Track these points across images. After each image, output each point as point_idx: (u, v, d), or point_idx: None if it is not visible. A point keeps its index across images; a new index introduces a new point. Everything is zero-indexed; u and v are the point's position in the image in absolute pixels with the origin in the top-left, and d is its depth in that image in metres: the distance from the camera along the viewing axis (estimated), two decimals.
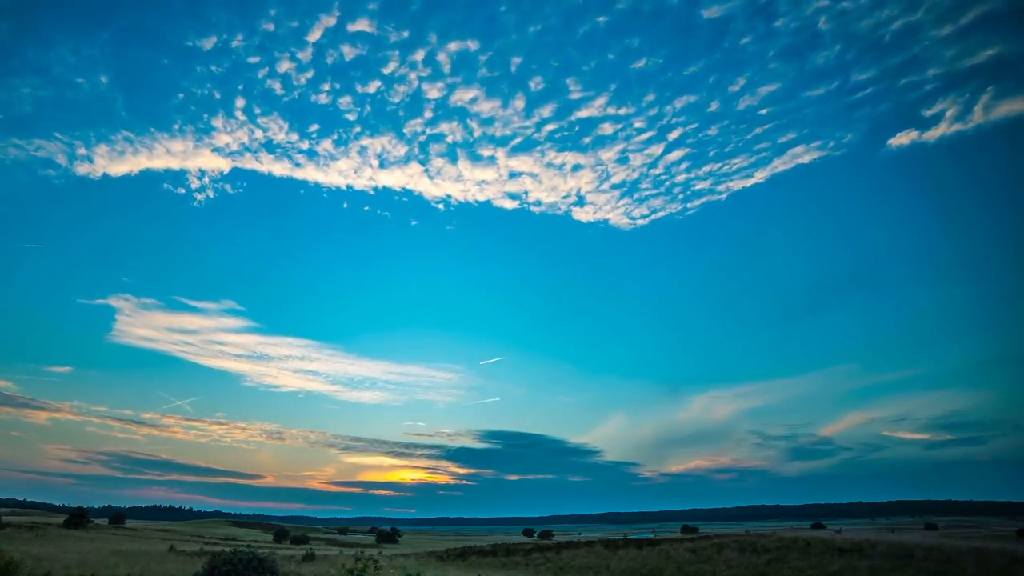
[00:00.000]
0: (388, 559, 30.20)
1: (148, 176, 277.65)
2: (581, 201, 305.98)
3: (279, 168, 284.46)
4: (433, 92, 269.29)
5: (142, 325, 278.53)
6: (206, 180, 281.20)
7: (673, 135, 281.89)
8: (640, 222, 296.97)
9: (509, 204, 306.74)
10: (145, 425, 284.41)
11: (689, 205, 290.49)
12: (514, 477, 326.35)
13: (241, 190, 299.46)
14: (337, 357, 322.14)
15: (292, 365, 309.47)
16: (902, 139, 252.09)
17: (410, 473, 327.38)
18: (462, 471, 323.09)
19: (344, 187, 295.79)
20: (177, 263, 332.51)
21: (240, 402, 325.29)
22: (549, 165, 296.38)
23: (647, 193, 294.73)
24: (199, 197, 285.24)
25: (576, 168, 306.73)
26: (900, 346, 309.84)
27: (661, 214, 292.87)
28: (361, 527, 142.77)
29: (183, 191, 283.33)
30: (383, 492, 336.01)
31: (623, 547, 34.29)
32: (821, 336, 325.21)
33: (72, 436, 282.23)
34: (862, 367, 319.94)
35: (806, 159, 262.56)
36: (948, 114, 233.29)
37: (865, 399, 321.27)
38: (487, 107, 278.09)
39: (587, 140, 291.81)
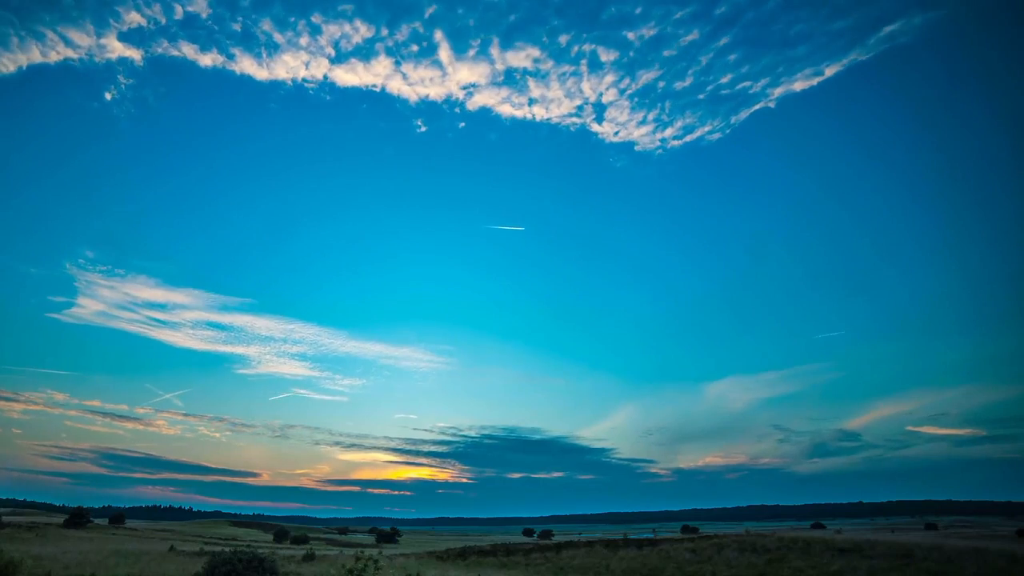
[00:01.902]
0: (388, 559, 30.23)
1: (45, 75, 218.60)
2: (600, 112, 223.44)
3: (206, 59, 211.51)
4: None
5: (104, 300, 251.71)
6: (121, 83, 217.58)
7: (722, 8, 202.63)
8: (674, 143, 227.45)
9: (508, 112, 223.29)
10: (129, 419, 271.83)
11: (733, 119, 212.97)
12: (517, 475, 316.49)
13: (164, 93, 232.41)
14: (323, 337, 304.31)
15: (275, 348, 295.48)
16: None
17: (408, 471, 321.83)
18: (462, 468, 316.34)
19: (290, 83, 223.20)
20: (120, 212, 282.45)
21: (228, 394, 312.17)
22: (560, 58, 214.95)
23: (684, 100, 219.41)
24: (117, 112, 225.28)
25: (596, 67, 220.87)
26: (945, 327, 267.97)
27: (698, 133, 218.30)
28: (361, 527, 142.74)
29: (97, 104, 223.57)
30: (381, 491, 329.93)
31: (623, 547, 34.29)
32: (861, 310, 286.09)
33: (52, 431, 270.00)
34: (899, 350, 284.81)
35: (904, 40, 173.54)
36: None
37: (897, 389, 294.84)
38: None
39: (608, 16, 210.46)
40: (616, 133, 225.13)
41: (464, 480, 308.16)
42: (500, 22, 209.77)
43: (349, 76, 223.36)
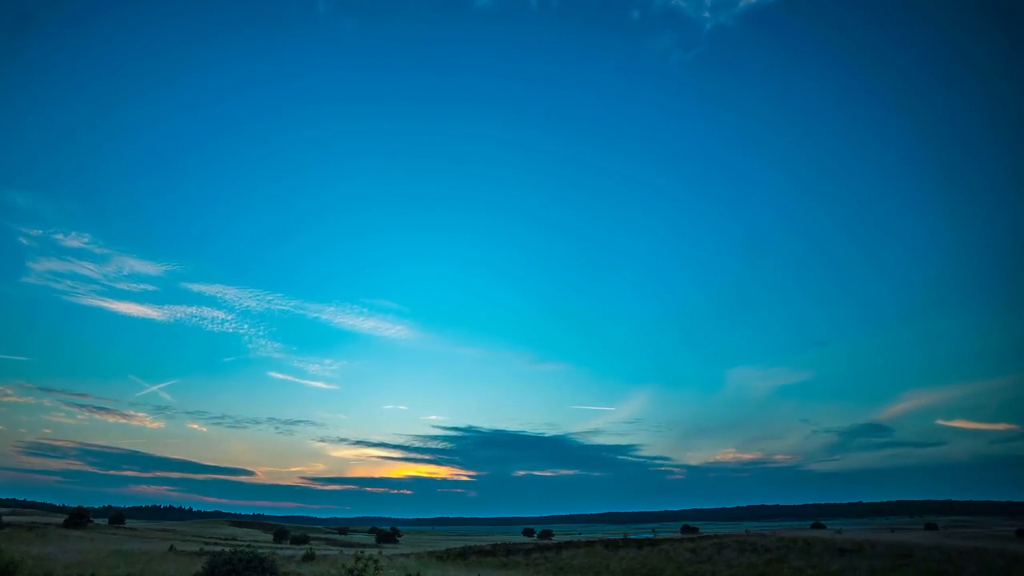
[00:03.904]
0: (388, 559, 30.24)
1: None
2: None
3: None
4: None
5: (56, 267, 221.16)
6: None
7: None
8: (727, 11, 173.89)
9: None
10: (110, 413, 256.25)
11: None
12: (521, 473, 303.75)
13: None
14: (308, 313, 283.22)
15: (254, 327, 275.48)
16: None
17: (406, 469, 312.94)
18: (462, 466, 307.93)
19: None
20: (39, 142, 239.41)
21: (214, 385, 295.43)
22: None
23: None
24: None
25: None
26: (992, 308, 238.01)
27: None
28: (361, 527, 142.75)
29: None
30: (379, 489, 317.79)
31: (623, 547, 34.30)
32: (895, 285, 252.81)
33: (33, 427, 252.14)
34: (935, 332, 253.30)
35: None
36: None
37: (932, 378, 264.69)
38: None
39: None
40: None
41: (464, 478, 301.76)
42: None
43: None
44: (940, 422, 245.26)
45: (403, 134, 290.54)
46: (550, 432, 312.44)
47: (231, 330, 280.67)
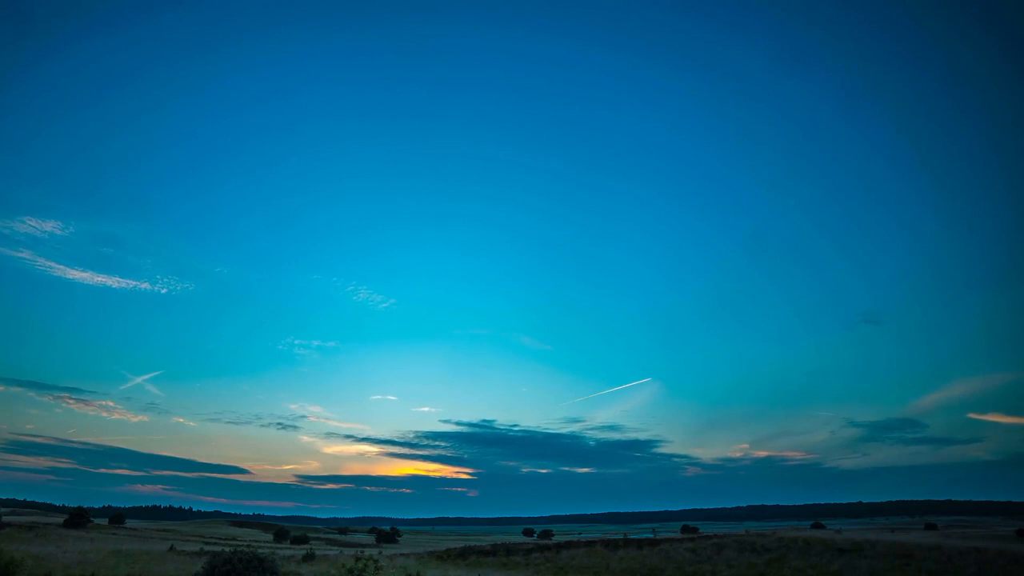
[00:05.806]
0: (388, 559, 30.25)
1: None
2: None
3: None
4: None
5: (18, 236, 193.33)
6: None
7: None
8: None
9: None
10: (90, 405, 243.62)
11: None
12: (526, 470, 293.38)
13: None
14: (294, 285, 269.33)
15: (229, 303, 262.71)
16: None
17: (405, 467, 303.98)
18: (462, 464, 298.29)
19: None
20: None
21: (201, 378, 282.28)
22: None
23: None
24: None
25: None
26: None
27: None
28: (361, 527, 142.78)
29: None
30: (377, 488, 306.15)
31: (623, 547, 34.30)
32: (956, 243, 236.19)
33: (15, 422, 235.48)
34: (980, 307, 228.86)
35: None
36: None
37: (972, 366, 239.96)
38: None
39: None
40: None
41: (464, 476, 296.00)
42: None
43: None
44: (973, 415, 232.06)
45: (397, 127, 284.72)
46: (553, 429, 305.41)
47: (203, 303, 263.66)
